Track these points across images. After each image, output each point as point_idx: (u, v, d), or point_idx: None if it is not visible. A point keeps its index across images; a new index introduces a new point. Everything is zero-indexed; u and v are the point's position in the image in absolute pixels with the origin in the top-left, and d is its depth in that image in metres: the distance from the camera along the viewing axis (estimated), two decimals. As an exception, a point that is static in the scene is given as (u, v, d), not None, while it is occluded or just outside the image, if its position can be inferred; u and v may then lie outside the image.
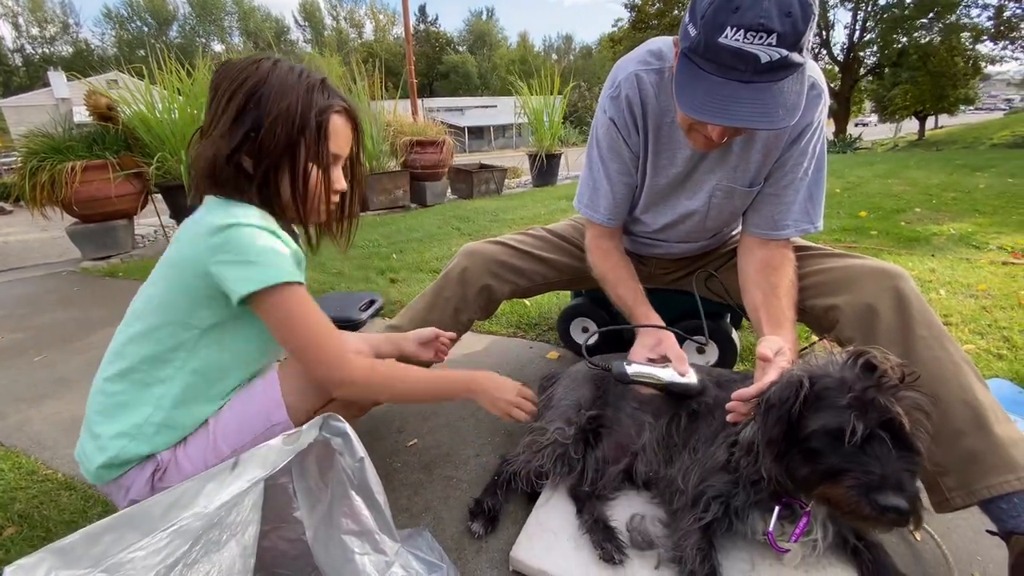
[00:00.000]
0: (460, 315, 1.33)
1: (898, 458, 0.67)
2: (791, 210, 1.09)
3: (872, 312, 0.96)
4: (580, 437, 1.08)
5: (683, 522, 0.92)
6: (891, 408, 0.67)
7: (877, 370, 0.71)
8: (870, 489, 0.66)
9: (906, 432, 0.68)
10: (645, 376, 1.01)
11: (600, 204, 1.21)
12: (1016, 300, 1.92)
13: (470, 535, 1.02)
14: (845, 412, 0.70)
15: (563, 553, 0.93)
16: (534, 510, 1.03)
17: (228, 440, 0.88)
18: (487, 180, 5.41)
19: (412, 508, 1.11)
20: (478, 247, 1.38)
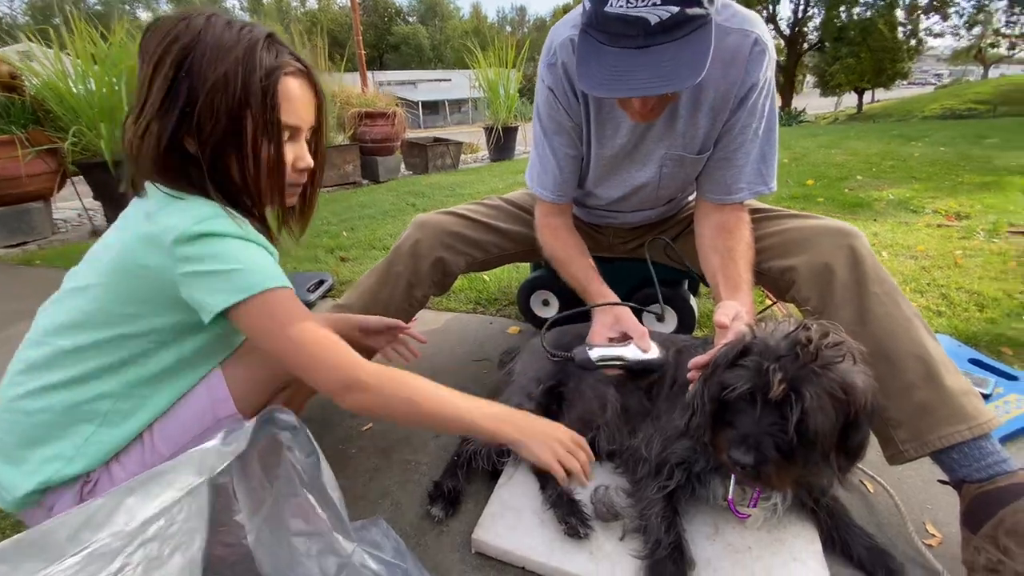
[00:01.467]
0: (414, 291, 1.26)
1: (771, 424, 0.69)
2: (743, 173, 1.06)
3: (828, 271, 0.96)
4: (541, 411, 1.05)
5: (647, 491, 0.91)
6: (771, 379, 0.68)
7: (802, 344, 0.70)
8: (732, 443, 0.71)
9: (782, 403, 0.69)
10: (609, 359, 0.97)
11: (547, 180, 1.16)
12: (952, 260, 2.01)
13: (430, 519, 0.97)
14: (744, 374, 0.72)
15: (527, 531, 0.90)
16: (496, 489, 0.99)
17: (168, 442, 0.79)
18: (442, 154, 5.24)
19: (369, 495, 1.05)
20: (430, 218, 1.30)
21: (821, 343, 0.71)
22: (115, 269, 0.73)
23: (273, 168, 0.75)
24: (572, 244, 1.19)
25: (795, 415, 0.68)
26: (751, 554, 0.84)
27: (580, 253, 1.17)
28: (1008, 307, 1.62)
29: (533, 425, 0.81)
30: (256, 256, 0.72)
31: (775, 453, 0.69)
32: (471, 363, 1.53)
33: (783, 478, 0.73)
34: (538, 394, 1.07)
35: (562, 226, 1.20)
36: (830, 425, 0.69)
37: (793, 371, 0.69)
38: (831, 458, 0.73)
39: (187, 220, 0.68)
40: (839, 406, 0.69)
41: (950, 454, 0.83)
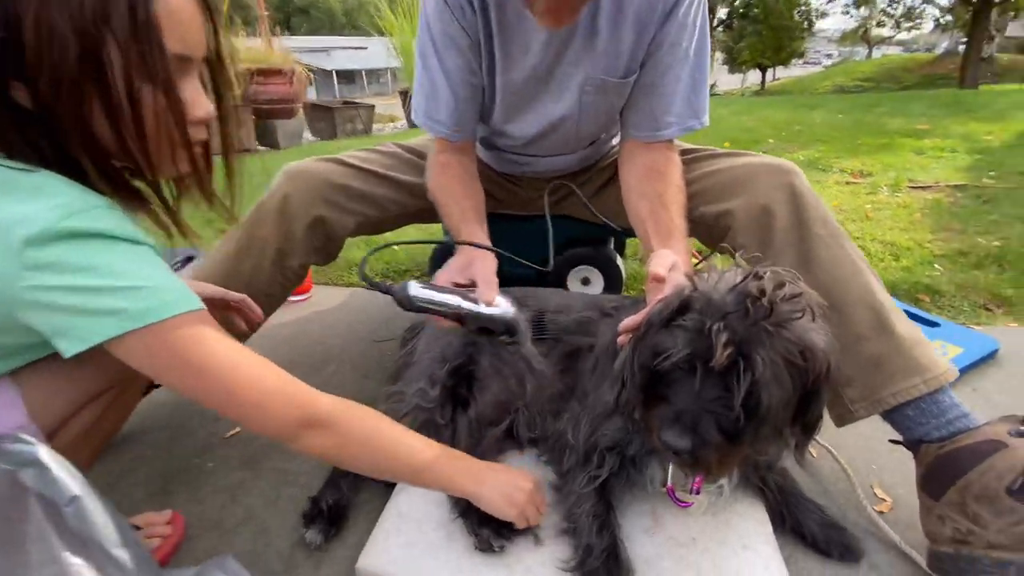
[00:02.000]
0: (287, 260, 1.00)
1: (713, 398, 0.55)
2: (673, 103, 0.90)
3: (767, 214, 0.84)
4: (448, 397, 0.85)
5: (575, 483, 0.75)
6: (715, 342, 0.53)
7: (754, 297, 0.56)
8: (664, 423, 0.57)
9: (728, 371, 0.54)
10: (434, 303, 0.78)
11: (440, 111, 0.93)
12: (864, 213, 2.05)
13: (305, 547, 0.75)
14: (682, 336, 0.57)
15: (429, 549, 0.71)
16: (392, 498, 0.79)
17: None
18: (352, 119, 4.78)
19: (225, 522, 0.81)
20: (305, 166, 1.03)
21: (776, 295, 0.56)
22: None
23: (158, 118, 0.53)
24: (458, 182, 0.96)
25: (743, 387, 0.53)
26: (696, 547, 0.71)
27: (464, 194, 0.96)
28: (920, 256, 1.64)
29: (497, 476, 0.69)
30: (151, 266, 0.53)
31: (717, 435, 0.55)
32: (373, 344, 1.30)
33: (726, 463, 0.59)
34: (443, 376, 0.87)
35: (455, 164, 0.97)
36: (785, 397, 0.55)
37: (742, 331, 0.54)
38: (784, 434, 0.60)
39: (49, 212, 0.47)
40: (796, 373, 0.55)
41: (904, 411, 0.73)
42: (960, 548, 0.64)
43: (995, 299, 1.39)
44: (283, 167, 1.03)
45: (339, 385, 1.14)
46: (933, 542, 0.67)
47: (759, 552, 0.70)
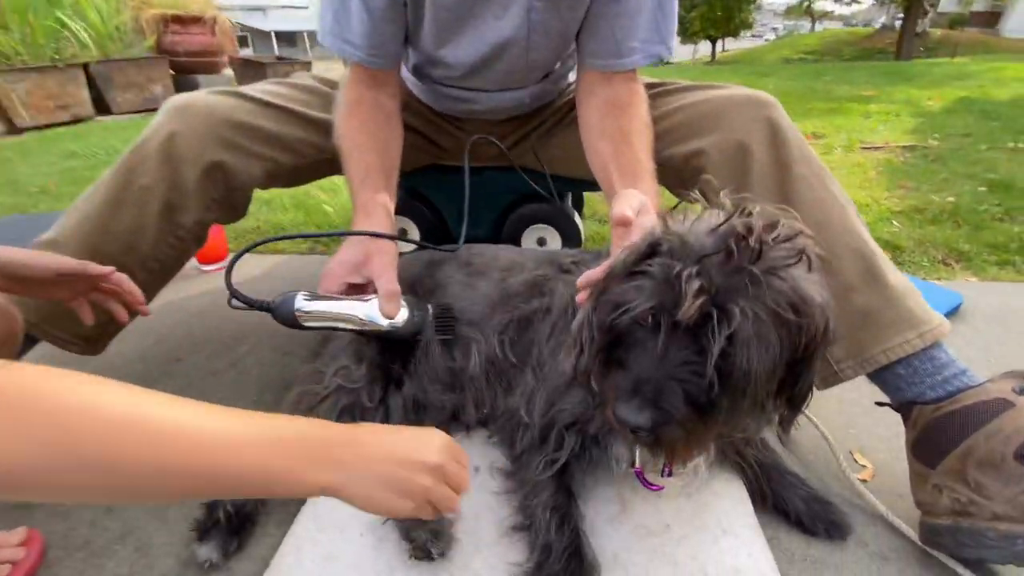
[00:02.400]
0: (176, 216, 0.81)
1: (680, 363, 0.43)
2: (637, 24, 0.77)
3: (743, 152, 0.74)
4: (378, 374, 0.71)
5: (531, 467, 0.63)
6: (684, 289, 0.42)
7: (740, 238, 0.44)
8: (620, 392, 0.46)
9: (700, 327, 0.43)
10: (328, 318, 0.65)
11: (351, 28, 0.75)
12: (822, 171, 2.01)
13: (198, 569, 0.60)
14: (646, 286, 0.45)
15: (353, 562, 0.58)
16: (309, 501, 0.65)
17: None
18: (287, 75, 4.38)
19: (96, 541, 0.64)
20: (195, 99, 0.83)
21: (766, 236, 0.45)
22: None
23: None
24: (366, 133, 0.78)
25: (717, 345, 0.42)
26: (670, 535, 0.61)
27: (372, 145, 0.78)
28: (879, 212, 1.61)
29: (375, 447, 0.42)
30: None
31: (684, 408, 0.43)
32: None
33: (695, 443, 0.49)
34: (373, 351, 0.72)
35: (367, 104, 0.79)
36: (770, 361, 0.44)
37: (720, 278, 0.43)
38: (767, 407, 0.50)
39: None
40: (786, 332, 0.44)
41: (895, 370, 0.65)
42: (960, 520, 0.57)
43: (953, 254, 1.38)
44: (168, 100, 0.83)
45: (253, 365, 0.97)
46: (927, 514, 0.60)
47: (740, 536, 0.61)
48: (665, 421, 0.43)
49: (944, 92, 3.90)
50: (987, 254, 1.36)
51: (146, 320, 0.81)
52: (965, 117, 3.01)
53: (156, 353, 1.01)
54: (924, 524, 0.61)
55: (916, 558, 0.62)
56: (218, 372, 0.95)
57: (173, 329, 1.08)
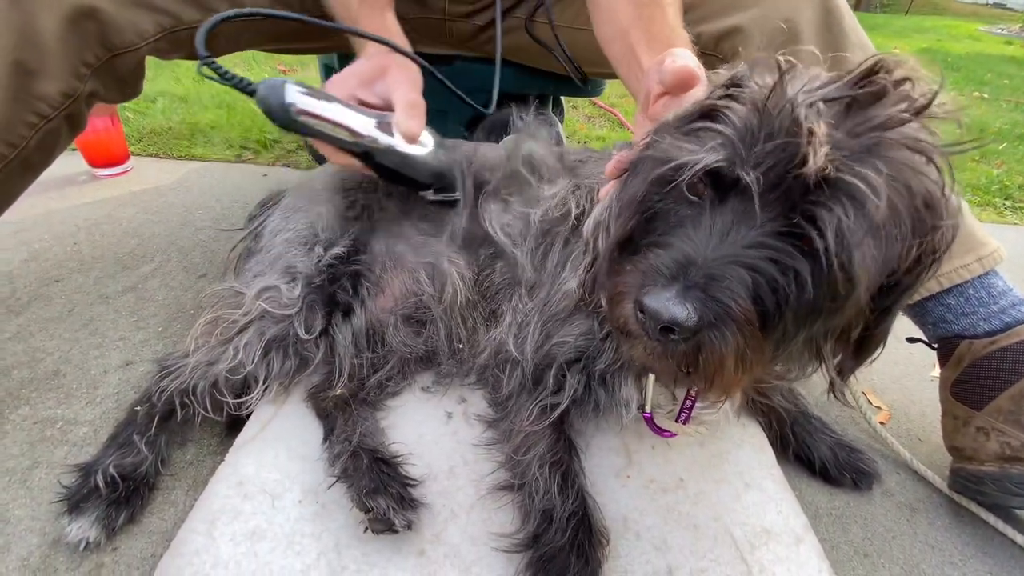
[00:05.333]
0: (34, 84, 0.57)
1: (754, 243, 0.30)
2: None
3: (790, 32, 0.60)
4: (320, 298, 0.54)
5: (520, 412, 0.51)
6: (803, 138, 0.28)
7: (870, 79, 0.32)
8: (651, 275, 0.32)
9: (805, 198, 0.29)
10: (324, 120, 0.48)
11: None
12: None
13: (68, 551, 0.44)
14: (717, 139, 0.31)
15: (286, 537, 0.44)
16: (230, 455, 0.49)
17: None
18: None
19: (-80, 515, 0.46)
20: None
21: (910, 87, 0.31)
22: None
23: None
24: None
25: (833, 225, 0.28)
26: (685, 491, 0.51)
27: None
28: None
29: None
30: None
31: (747, 305, 0.30)
32: (213, 237, 0.91)
33: (748, 365, 0.32)
34: (314, 268, 0.55)
35: None
36: (884, 268, 0.31)
37: (843, 136, 0.29)
38: (824, 350, 0.38)
39: None
40: (909, 232, 0.31)
41: (943, 300, 0.56)
42: (1008, 467, 0.50)
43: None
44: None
45: (157, 289, 0.77)
46: (967, 459, 0.53)
47: (765, 491, 0.52)
48: (716, 319, 0.29)
49: (910, 42, 3.91)
50: (969, 195, 1.32)
51: (16, 232, 0.59)
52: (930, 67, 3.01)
53: (27, 271, 0.78)
54: (960, 471, 0.54)
55: (946, 508, 0.55)
56: (109, 297, 0.74)
57: (51, 244, 0.84)
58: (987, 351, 0.53)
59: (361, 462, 0.46)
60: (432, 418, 0.56)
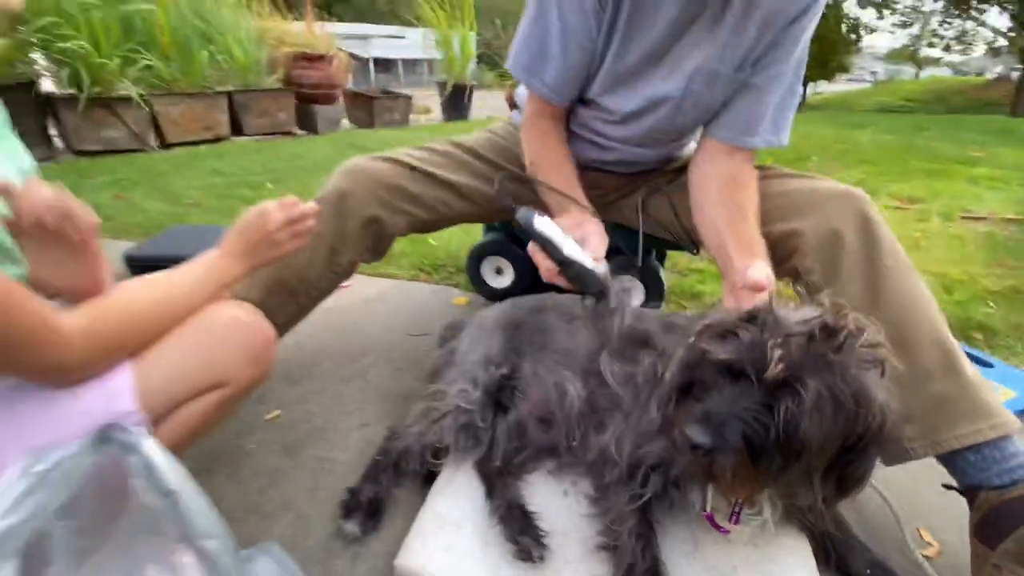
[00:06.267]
0: (338, 256, 1.01)
1: (748, 408, 0.53)
2: (764, 113, 0.90)
3: (837, 238, 0.82)
4: (488, 400, 0.85)
5: (617, 499, 0.74)
6: (770, 354, 0.52)
7: (828, 331, 0.54)
8: (690, 417, 0.55)
9: (776, 390, 0.52)
10: (551, 237, 0.77)
11: (547, 70, 0.91)
12: (914, 242, 1.98)
13: (343, 539, 0.76)
14: (735, 344, 0.56)
15: (467, 553, 0.71)
16: (430, 497, 0.79)
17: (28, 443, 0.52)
18: (390, 108, 4.82)
19: (264, 507, 0.82)
20: (362, 165, 1.03)
21: (852, 336, 0.54)
22: None
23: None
24: (560, 151, 0.99)
25: (787, 407, 0.51)
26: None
27: (566, 162, 0.98)
28: (973, 291, 1.58)
29: (245, 236, 0.73)
30: None
31: (740, 442, 0.52)
32: (409, 338, 1.31)
33: (742, 480, 0.55)
34: (486, 379, 0.87)
35: (552, 130, 0.99)
36: (823, 436, 0.52)
37: (800, 355, 0.52)
38: (815, 481, 0.57)
39: None
40: (844, 418, 0.52)
41: (965, 456, 0.71)
42: (1018, 603, 0.61)
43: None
44: (342, 164, 1.04)
45: (375, 376, 1.15)
46: (988, 595, 0.65)
47: (803, 588, 0.68)
48: (721, 447, 0.53)
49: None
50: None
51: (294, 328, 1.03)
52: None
53: (299, 355, 1.21)
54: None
55: (976, 638, 0.66)
56: (347, 379, 1.14)
57: (308, 338, 1.29)
58: (999, 500, 0.66)
59: (512, 512, 0.73)
60: (554, 493, 0.81)
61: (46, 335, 0.50)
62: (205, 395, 0.64)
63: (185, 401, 0.62)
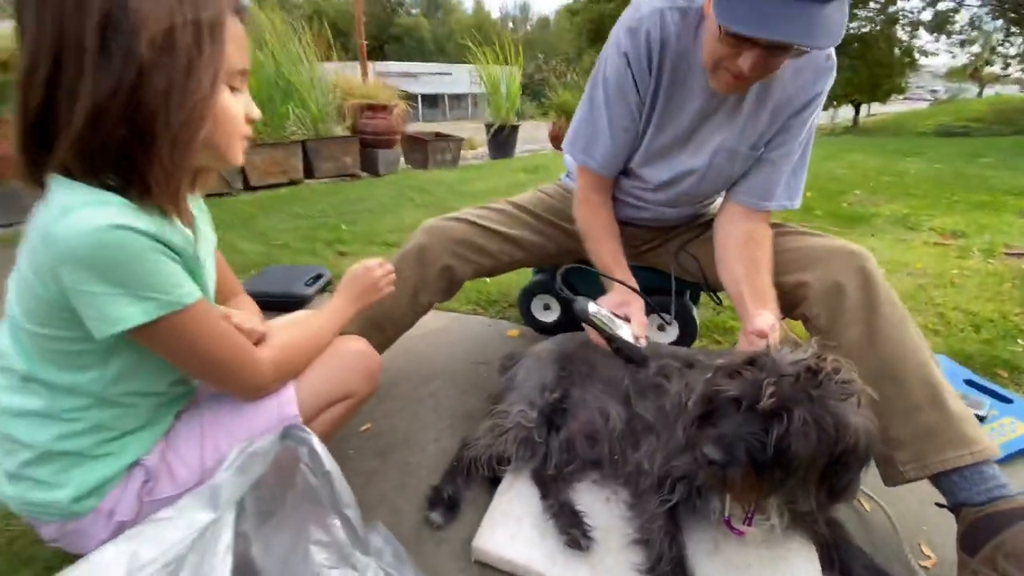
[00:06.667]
0: (419, 297, 1.25)
1: (750, 431, 0.70)
2: (778, 181, 1.09)
3: (839, 289, 0.97)
4: (543, 420, 1.04)
5: (649, 504, 0.91)
6: (764, 390, 0.69)
7: (810, 371, 0.71)
8: (706, 439, 0.72)
9: (769, 417, 0.69)
10: (603, 321, 1.00)
11: (597, 151, 1.14)
12: (949, 279, 2.03)
13: (429, 525, 0.96)
14: (739, 382, 0.73)
15: (527, 540, 0.89)
16: (496, 496, 0.98)
17: (228, 436, 0.76)
18: (443, 150, 5.21)
19: (366, 499, 1.03)
20: (438, 224, 1.28)
21: (829, 375, 0.71)
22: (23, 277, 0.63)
23: (227, 121, 0.65)
24: (608, 226, 1.20)
25: (777, 430, 0.68)
26: (750, 572, 0.84)
27: (613, 236, 1.19)
28: (1003, 329, 1.64)
29: (359, 284, 0.96)
30: (170, 267, 0.61)
31: (745, 458, 0.69)
32: (470, 365, 1.52)
33: (749, 488, 0.72)
34: (542, 403, 1.06)
35: (601, 205, 1.21)
36: (809, 454, 0.68)
37: (788, 390, 0.69)
38: (811, 490, 0.73)
39: (90, 212, 0.56)
40: (825, 439, 0.68)
41: (951, 477, 0.84)
42: (992, 602, 0.73)
43: (1082, 384, 1.39)
44: (423, 224, 1.29)
45: (444, 396, 1.36)
46: (969, 596, 0.77)
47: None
48: (731, 462, 0.70)
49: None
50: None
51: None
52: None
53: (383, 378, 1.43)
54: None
55: (960, 634, 0.78)
56: (421, 399, 1.36)
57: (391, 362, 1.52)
58: (977, 515, 0.78)
59: (563, 510, 0.91)
60: (598, 499, 0.98)
61: (249, 362, 0.74)
62: (337, 404, 0.87)
63: (326, 408, 0.85)
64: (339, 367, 0.88)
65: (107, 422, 0.68)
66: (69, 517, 0.69)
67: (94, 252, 0.55)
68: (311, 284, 1.99)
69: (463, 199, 3.64)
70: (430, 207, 3.41)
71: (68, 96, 0.55)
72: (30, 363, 0.64)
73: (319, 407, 0.84)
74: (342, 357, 0.89)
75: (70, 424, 0.66)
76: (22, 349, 0.64)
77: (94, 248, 0.55)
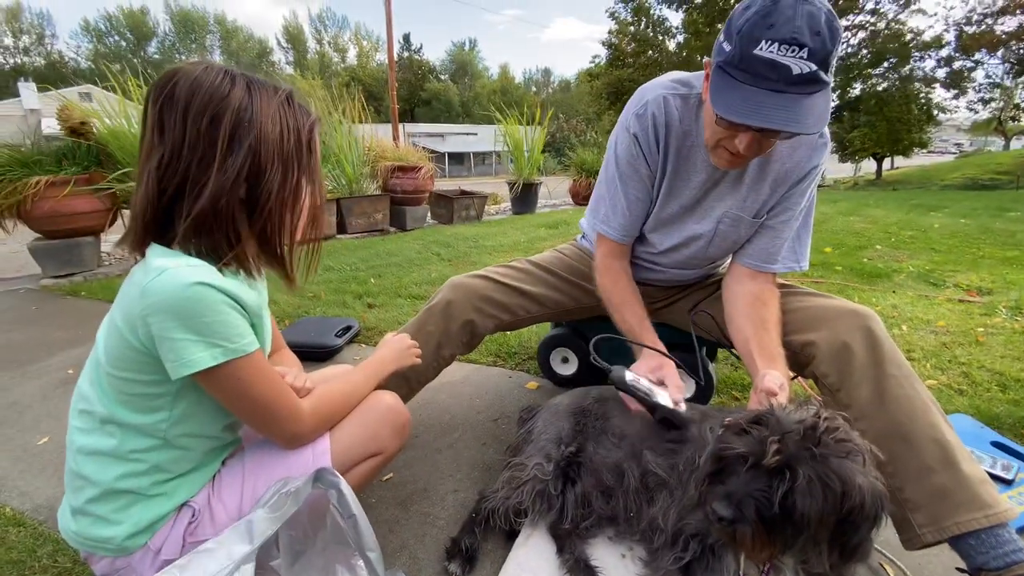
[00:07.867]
0: (442, 350, 1.32)
1: (758, 488, 0.71)
2: (783, 246, 1.15)
3: (847, 349, 1.00)
4: (560, 473, 1.07)
5: (663, 560, 0.92)
6: (768, 448, 0.71)
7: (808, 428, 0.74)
8: (716, 496, 0.72)
9: (775, 474, 0.71)
10: (642, 390, 1.01)
11: (616, 220, 1.24)
12: (974, 337, 2.01)
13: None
14: (746, 439, 0.75)
15: (543, 595, 0.91)
16: (513, 549, 1.01)
17: (267, 477, 0.83)
18: (467, 206, 5.45)
19: (387, 547, 1.07)
20: (463, 281, 1.37)
21: (828, 433, 0.74)
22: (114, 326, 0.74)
23: (308, 208, 0.80)
24: (630, 291, 1.25)
25: (782, 488, 0.70)
26: (768, 634, 0.84)
27: (636, 300, 1.24)
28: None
29: (392, 350, 1.06)
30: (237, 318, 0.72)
31: (754, 515, 0.71)
32: (489, 420, 1.56)
33: (760, 545, 0.72)
34: (558, 456, 1.10)
35: (622, 271, 1.27)
36: (817, 511, 0.70)
37: (792, 448, 0.72)
38: (823, 550, 0.74)
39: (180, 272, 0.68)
40: (831, 496, 0.70)
41: (967, 540, 0.83)
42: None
43: (1118, 446, 1.34)
44: (448, 280, 1.38)
45: (463, 448, 1.40)
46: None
47: (825, 649, 0.81)
48: (740, 518, 0.71)
49: None
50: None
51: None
52: None
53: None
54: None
55: None
56: (441, 449, 1.40)
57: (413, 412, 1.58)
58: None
59: (578, 565, 0.93)
60: (613, 555, 1.00)
61: (293, 412, 0.81)
62: (367, 460, 0.92)
63: (358, 463, 0.91)
64: (371, 421, 0.94)
65: (165, 464, 0.76)
66: (121, 553, 0.75)
67: (179, 303, 0.66)
68: (341, 335, 2.09)
69: (486, 253, 3.78)
70: (454, 261, 3.55)
71: (196, 184, 0.69)
72: (109, 405, 0.73)
73: (351, 462, 0.90)
74: (376, 411, 0.95)
75: (134, 464, 0.74)
76: (102, 392, 0.74)
77: (180, 300, 0.66)
